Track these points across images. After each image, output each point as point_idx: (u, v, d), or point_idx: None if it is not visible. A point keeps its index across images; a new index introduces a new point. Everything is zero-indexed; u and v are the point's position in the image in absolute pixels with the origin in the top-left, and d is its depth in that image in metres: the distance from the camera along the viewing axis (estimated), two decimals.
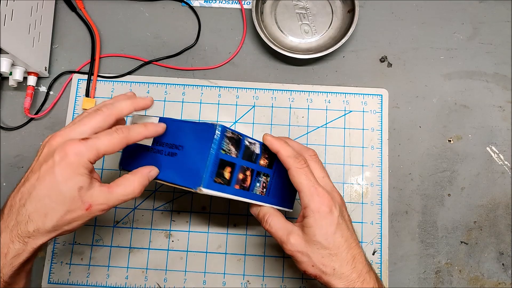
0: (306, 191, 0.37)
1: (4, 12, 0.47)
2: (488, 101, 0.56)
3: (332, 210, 0.37)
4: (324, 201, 0.37)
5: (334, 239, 0.37)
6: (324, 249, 0.37)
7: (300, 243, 0.38)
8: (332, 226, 0.37)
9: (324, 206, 0.37)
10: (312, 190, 0.37)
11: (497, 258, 0.52)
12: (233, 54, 0.58)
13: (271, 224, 0.40)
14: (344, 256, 0.37)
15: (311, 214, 0.37)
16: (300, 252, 0.38)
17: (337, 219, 0.38)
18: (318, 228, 0.37)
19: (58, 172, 0.33)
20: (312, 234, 0.37)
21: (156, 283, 0.52)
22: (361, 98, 0.56)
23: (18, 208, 0.34)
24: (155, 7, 0.60)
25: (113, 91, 0.57)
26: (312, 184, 0.38)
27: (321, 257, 0.37)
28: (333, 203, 0.38)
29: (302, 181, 0.38)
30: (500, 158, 0.55)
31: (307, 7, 0.59)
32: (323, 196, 0.37)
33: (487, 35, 0.58)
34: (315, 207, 0.37)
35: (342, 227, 0.38)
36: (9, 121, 0.56)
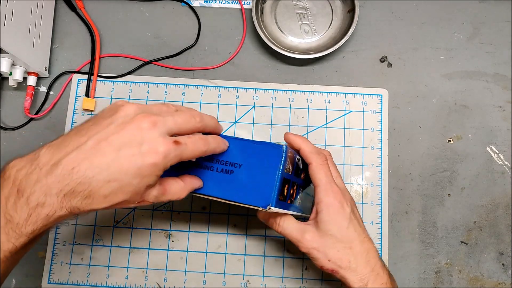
0: (322, 187, 0.39)
1: (4, 12, 0.47)
2: (488, 101, 0.56)
3: (344, 206, 0.39)
4: (337, 196, 0.39)
5: (348, 232, 0.39)
6: (339, 242, 0.39)
7: (315, 239, 0.39)
8: (345, 220, 0.39)
9: (337, 201, 0.39)
10: (328, 186, 0.39)
11: (497, 258, 0.52)
12: (233, 54, 0.58)
13: (284, 226, 0.40)
14: (358, 249, 0.39)
15: (325, 209, 0.39)
16: (316, 248, 0.39)
17: (349, 214, 0.39)
18: (332, 223, 0.39)
19: (140, 165, 0.31)
20: (326, 229, 0.39)
21: (156, 283, 0.52)
22: (361, 98, 0.56)
23: (81, 178, 0.30)
24: (155, 7, 0.60)
25: (113, 91, 0.57)
26: (329, 181, 0.40)
27: (336, 251, 0.39)
28: (345, 200, 0.40)
29: (321, 177, 0.39)
30: (500, 158, 0.55)
31: (307, 7, 0.59)
32: (337, 192, 0.39)
33: (487, 35, 0.58)
34: (329, 202, 0.39)
35: (355, 222, 0.40)
36: (9, 121, 0.56)
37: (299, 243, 0.40)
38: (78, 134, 0.32)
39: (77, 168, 0.30)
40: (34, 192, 0.30)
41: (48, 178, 0.30)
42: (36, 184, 0.30)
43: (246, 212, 0.53)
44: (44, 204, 0.30)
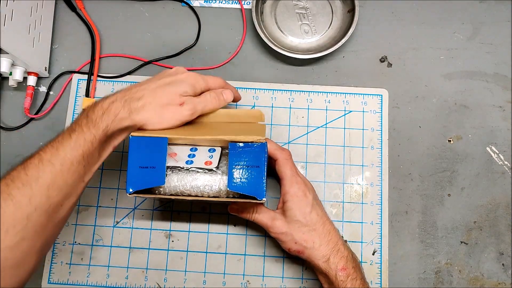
0: (288, 179, 0.45)
1: (4, 12, 0.47)
2: (488, 101, 0.56)
3: (307, 194, 0.45)
4: (300, 187, 0.45)
5: (311, 217, 0.44)
6: (304, 226, 0.44)
7: (283, 225, 0.45)
8: (308, 206, 0.45)
9: (301, 191, 0.45)
10: (293, 179, 0.45)
11: (497, 258, 0.52)
12: (233, 54, 0.58)
13: (257, 215, 0.46)
14: (321, 230, 0.45)
15: (291, 199, 0.45)
16: (284, 233, 0.45)
17: (311, 201, 0.45)
18: (297, 209, 0.44)
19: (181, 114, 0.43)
20: (292, 215, 0.44)
21: (156, 283, 0.52)
22: (361, 98, 0.56)
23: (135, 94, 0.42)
24: (155, 7, 0.60)
25: (113, 91, 0.57)
26: (293, 174, 0.45)
27: (302, 234, 0.44)
28: (307, 189, 0.45)
29: (287, 170, 0.45)
30: (500, 158, 0.55)
31: (307, 7, 0.59)
32: (300, 183, 0.45)
33: (487, 35, 0.58)
34: (294, 192, 0.45)
35: (316, 208, 0.45)
36: (9, 121, 0.56)
37: (270, 228, 0.45)
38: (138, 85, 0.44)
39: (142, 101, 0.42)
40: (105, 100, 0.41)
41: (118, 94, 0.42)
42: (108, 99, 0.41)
43: None
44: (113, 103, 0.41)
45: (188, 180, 0.43)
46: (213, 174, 0.43)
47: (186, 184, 0.42)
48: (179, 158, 0.43)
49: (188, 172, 0.43)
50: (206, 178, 0.43)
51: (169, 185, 0.42)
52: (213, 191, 0.42)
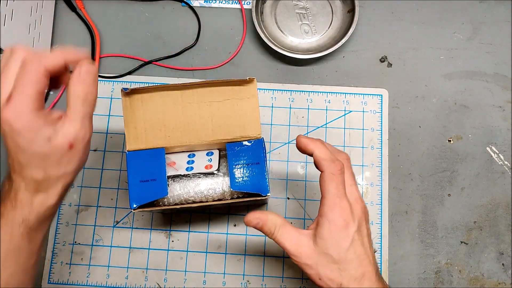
0: (330, 200, 0.36)
1: (4, 12, 0.47)
2: (488, 101, 0.56)
3: (349, 224, 0.36)
4: (343, 214, 0.36)
5: (346, 255, 0.36)
6: (334, 263, 0.36)
7: (310, 255, 0.37)
8: (347, 241, 0.36)
9: (342, 219, 0.36)
10: (336, 200, 0.36)
11: (497, 258, 0.52)
12: (233, 54, 0.58)
13: (279, 235, 0.38)
14: (353, 273, 0.36)
15: (327, 225, 0.36)
16: (310, 266, 0.37)
17: (352, 234, 0.36)
18: (331, 242, 0.36)
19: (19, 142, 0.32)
20: (324, 246, 0.36)
21: (156, 283, 0.52)
22: (361, 98, 0.56)
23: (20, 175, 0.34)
24: (155, 7, 0.60)
25: (113, 91, 0.57)
26: (339, 195, 0.36)
27: (329, 271, 0.36)
28: (352, 217, 0.36)
29: (331, 189, 0.36)
30: (500, 158, 0.55)
31: (307, 7, 0.59)
32: (345, 209, 0.36)
33: (487, 35, 0.58)
34: (332, 219, 0.36)
35: (357, 244, 0.36)
36: None
37: (292, 256, 0.37)
38: None
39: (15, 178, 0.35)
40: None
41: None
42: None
43: (246, 212, 0.53)
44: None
45: (191, 186, 0.43)
46: (215, 177, 0.43)
47: (189, 191, 0.42)
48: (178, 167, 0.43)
49: (189, 179, 0.43)
50: (208, 182, 0.43)
51: (172, 194, 0.42)
52: (217, 193, 0.43)
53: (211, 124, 0.43)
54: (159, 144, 0.42)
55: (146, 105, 0.42)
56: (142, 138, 0.42)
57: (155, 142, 0.42)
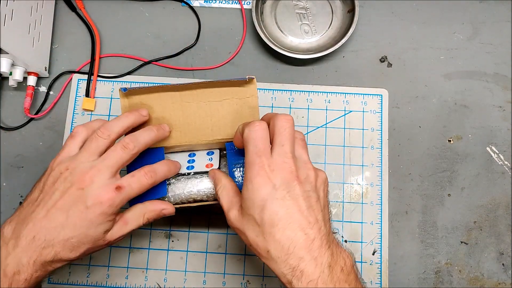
0: (247, 158, 0.34)
1: (4, 12, 0.47)
2: (488, 101, 0.56)
3: (272, 180, 0.32)
4: (261, 171, 0.33)
5: (269, 213, 0.32)
6: (257, 225, 0.32)
7: (238, 218, 0.34)
8: (269, 195, 0.32)
9: (261, 176, 0.32)
10: (254, 157, 0.33)
11: (497, 258, 0.52)
12: (233, 54, 0.58)
13: (220, 192, 0.38)
14: (279, 237, 0.31)
15: (248, 184, 0.33)
16: (238, 228, 0.35)
17: (278, 192, 0.32)
18: (251, 202, 0.32)
19: (90, 218, 0.35)
20: (246, 206, 0.33)
21: (156, 283, 0.52)
22: (361, 98, 0.56)
23: (43, 243, 0.35)
24: (155, 7, 0.60)
25: (113, 91, 0.57)
26: (256, 151, 0.33)
27: (255, 236, 0.33)
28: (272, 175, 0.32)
29: (249, 147, 0.34)
30: (500, 158, 0.55)
31: (307, 7, 0.59)
32: (262, 167, 0.33)
33: (487, 35, 0.58)
34: (251, 176, 0.33)
35: (285, 204, 0.32)
36: (9, 121, 0.56)
37: (226, 215, 0.36)
38: (31, 205, 0.37)
39: (37, 236, 0.35)
40: (7, 265, 0.34)
41: (16, 250, 0.34)
42: (7, 258, 0.34)
43: None
44: (19, 272, 0.34)
45: (192, 185, 0.42)
46: None
47: (190, 190, 0.42)
48: None
49: (190, 178, 0.43)
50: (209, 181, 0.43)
51: (173, 193, 0.42)
52: None
53: (210, 124, 0.43)
54: (159, 144, 0.42)
55: (145, 105, 0.42)
56: None
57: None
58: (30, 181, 0.54)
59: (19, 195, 0.54)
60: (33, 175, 0.54)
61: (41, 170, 0.39)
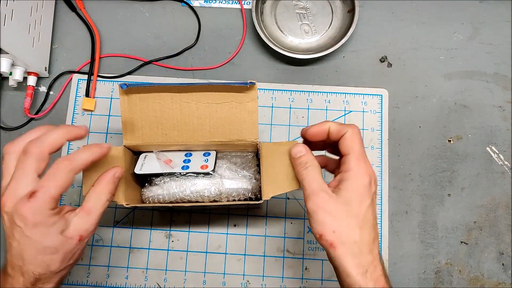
0: (355, 155, 0.36)
1: (4, 12, 0.47)
2: (488, 101, 0.56)
3: (372, 184, 0.36)
4: (368, 170, 0.36)
5: (366, 212, 0.35)
6: (354, 218, 0.34)
7: (331, 201, 0.35)
8: (369, 199, 0.35)
9: (368, 176, 0.35)
10: (361, 156, 0.36)
11: (497, 258, 0.52)
12: (233, 54, 0.58)
13: (309, 173, 0.37)
14: (367, 232, 0.35)
15: (353, 178, 0.35)
16: (328, 211, 0.34)
17: (373, 195, 0.36)
18: (356, 194, 0.35)
19: (32, 235, 0.33)
20: (348, 197, 0.35)
21: (156, 283, 0.52)
22: (361, 98, 0.56)
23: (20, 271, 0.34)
24: (155, 7, 0.60)
25: (113, 91, 0.57)
26: (362, 152, 0.36)
27: (347, 224, 0.34)
28: (374, 177, 0.36)
29: (355, 146, 0.36)
30: (500, 158, 0.55)
31: (307, 7, 0.59)
32: (369, 166, 0.36)
33: (487, 35, 0.58)
34: (359, 173, 0.35)
35: (374, 205, 0.36)
36: (9, 121, 0.56)
37: (312, 196, 0.35)
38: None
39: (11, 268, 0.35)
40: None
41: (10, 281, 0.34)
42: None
43: (246, 212, 0.53)
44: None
45: (187, 185, 0.43)
46: (212, 177, 0.43)
47: (185, 189, 0.42)
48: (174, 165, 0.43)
49: (186, 178, 0.43)
50: (205, 182, 0.43)
51: (168, 192, 0.42)
52: (213, 194, 0.43)
53: (208, 126, 0.43)
54: (156, 141, 0.42)
55: (144, 102, 0.42)
56: (139, 135, 0.42)
57: (151, 139, 0.42)
58: None
59: None
60: None
61: None
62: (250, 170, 0.44)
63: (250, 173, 0.44)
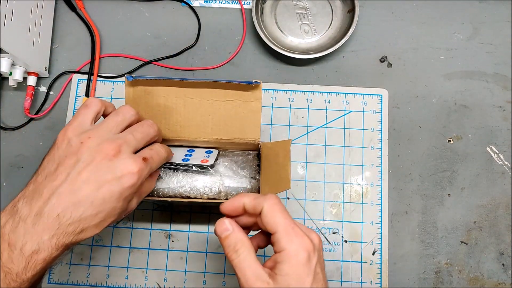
0: (283, 232, 0.32)
1: (4, 12, 0.47)
2: (488, 101, 0.56)
3: (311, 257, 0.32)
4: (303, 244, 0.32)
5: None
6: None
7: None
8: (310, 276, 0.32)
9: (305, 251, 0.32)
10: (290, 230, 0.32)
11: (497, 258, 0.52)
12: (233, 54, 0.58)
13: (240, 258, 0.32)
14: None
15: (287, 260, 0.31)
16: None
17: (314, 268, 0.32)
18: (294, 278, 0.31)
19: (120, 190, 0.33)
20: (286, 283, 0.31)
21: (156, 283, 0.52)
22: (361, 98, 0.56)
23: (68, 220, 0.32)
24: (155, 7, 0.60)
25: (113, 91, 0.57)
26: (290, 223, 0.32)
27: None
28: (312, 248, 0.32)
29: (280, 220, 0.32)
30: (500, 158, 0.55)
31: (307, 7, 0.59)
32: (303, 238, 0.32)
33: (487, 35, 0.58)
34: (293, 252, 0.31)
35: (318, 278, 0.32)
36: (9, 121, 0.56)
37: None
38: (49, 178, 0.33)
39: (62, 213, 0.32)
40: (26, 243, 0.31)
41: (36, 227, 0.31)
42: (25, 235, 0.31)
43: None
44: (39, 250, 0.31)
45: (187, 181, 0.43)
46: (212, 176, 0.43)
47: (185, 185, 0.43)
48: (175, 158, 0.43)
49: (187, 174, 0.43)
50: (205, 179, 0.43)
51: (167, 186, 0.42)
52: (212, 192, 0.43)
53: (211, 123, 0.43)
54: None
55: (149, 95, 0.42)
56: None
57: None
58: None
59: None
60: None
61: None
62: (251, 169, 0.45)
63: (250, 173, 0.44)
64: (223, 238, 0.33)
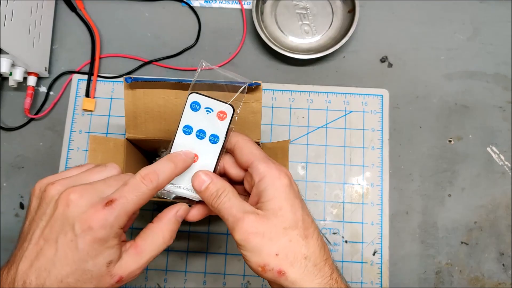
0: (260, 160, 0.31)
1: (4, 12, 0.47)
2: (488, 101, 0.56)
3: (292, 183, 0.30)
4: (283, 169, 0.30)
5: (302, 214, 0.29)
6: (293, 228, 0.28)
7: (259, 221, 0.28)
8: (297, 198, 0.29)
9: (284, 175, 0.30)
10: (266, 159, 0.31)
11: (498, 259, 0.52)
12: (233, 54, 0.58)
13: (222, 200, 0.30)
14: (314, 239, 0.28)
15: (271, 184, 0.29)
16: (261, 233, 0.28)
17: (299, 194, 0.30)
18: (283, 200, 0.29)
19: (83, 249, 0.27)
20: (276, 207, 0.28)
21: (156, 283, 0.52)
22: (361, 98, 0.56)
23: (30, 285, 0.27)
24: (155, 7, 0.60)
25: (113, 91, 0.57)
26: (264, 154, 0.32)
27: (288, 240, 0.28)
28: (290, 176, 0.30)
29: (254, 151, 0.31)
30: (501, 159, 0.55)
31: (307, 7, 0.59)
32: (280, 165, 0.31)
33: (487, 35, 0.58)
34: (275, 175, 0.29)
35: (305, 205, 0.30)
36: (9, 121, 0.56)
37: (236, 224, 0.29)
38: (22, 239, 0.30)
39: (28, 280, 0.27)
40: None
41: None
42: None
43: None
44: None
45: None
46: None
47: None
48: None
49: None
50: None
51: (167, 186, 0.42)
52: None
53: None
54: (158, 136, 0.42)
55: (148, 97, 0.42)
56: (141, 128, 0.42)
57: (154, 133, 0.42)
58: (30, 181, 0.54)
59: (19, 195, 0.54)
60: (33, 175, 0.54)
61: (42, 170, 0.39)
62: None
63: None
64: (203, 190, 0.31)
